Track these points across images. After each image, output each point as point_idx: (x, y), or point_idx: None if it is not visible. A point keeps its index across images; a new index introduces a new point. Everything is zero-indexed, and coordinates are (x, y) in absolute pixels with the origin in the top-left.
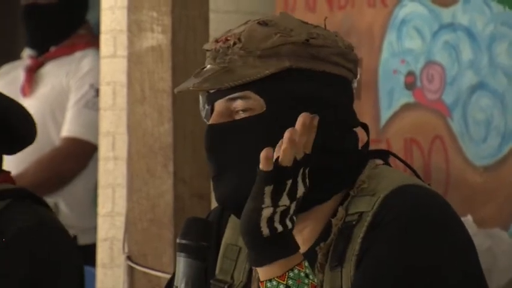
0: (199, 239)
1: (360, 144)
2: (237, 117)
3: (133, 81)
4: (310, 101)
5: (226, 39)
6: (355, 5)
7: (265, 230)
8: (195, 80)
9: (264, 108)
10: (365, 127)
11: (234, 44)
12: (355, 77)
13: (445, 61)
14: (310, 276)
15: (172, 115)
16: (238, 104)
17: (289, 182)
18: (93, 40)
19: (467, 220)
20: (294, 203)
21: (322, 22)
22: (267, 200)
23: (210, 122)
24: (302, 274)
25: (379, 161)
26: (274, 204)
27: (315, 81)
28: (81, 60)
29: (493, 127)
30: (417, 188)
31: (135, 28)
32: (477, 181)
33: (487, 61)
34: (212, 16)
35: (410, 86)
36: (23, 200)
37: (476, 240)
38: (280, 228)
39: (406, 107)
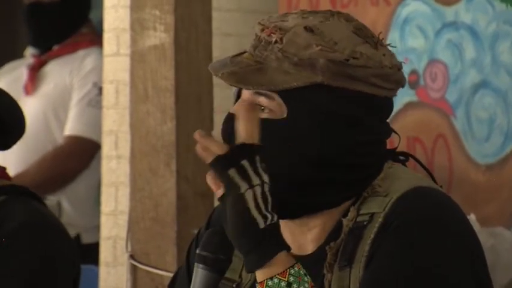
0: (218, 252)
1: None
2: (259, 113)
3: (136, 80)
4: (333, 118)
5: (271, 33)
6: (358, 3)
7: (258, 219)
8: (227, 66)
9: (285, 115)
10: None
11: (276, 42)
12: (394, 94)
13: (448, 60)
14: (308, 277)
15: (175, 113)
16: (262, 100)
17: (245, 162)
18: (96, 39)
19: (470, 219)
20: (266, 186)
21: None
22: (241, 183)
23: (231, 110)
24: (302, 272)
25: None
26: (249, 184)
27: (346, 100)
28: (84, 59)
29: (496, 126)
30: (429, 190)
31: (138, 27)
32: (480, 180)
33: (490, 59)
34: (215, 14)
35: (413, 84)
36: (19, 196)
37: (479, 239)
38: (269, 216)
39: (409, 106)
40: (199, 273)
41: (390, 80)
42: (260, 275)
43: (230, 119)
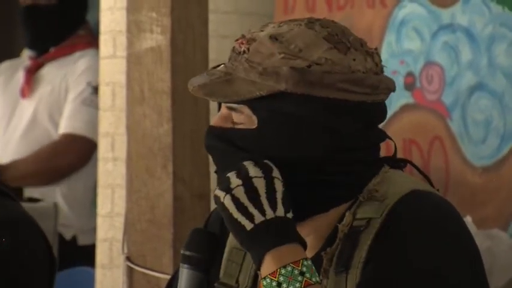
0: (203, 251)
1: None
2: (236, 125)
3: (133, 82)
4: (301, 125)
5: (241, 44)
6: (355, 5)
7: (243, 221)
8: (203, 78)
9: (255, 125)
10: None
11: (244, 52)
12: (380, 99)
13: (444, 62)
14: (307, 275)
15: (172, 116)
16: (233, 115)
17: (228, 172)
18: (93, 41)
19: (466, 221)
20: (257, 180)
21: None
22: (220, 193)
23: (211, 122)
24: (296, 272)
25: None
26: (227, 189)
27: (312, 107)
28: (78, 60)
29: (492, 128)
30: (426, 193)
31: (134, 29)
32: (476, 182)
33: (486, 62)
34: (211, 17)
35: (409, 86)
36: None
37: (476, 241)
38: (256, 214)
39: (405, 108)
40: (184, 273)
41: (363, 84)
42: (261, 271)
43: (210, 132)
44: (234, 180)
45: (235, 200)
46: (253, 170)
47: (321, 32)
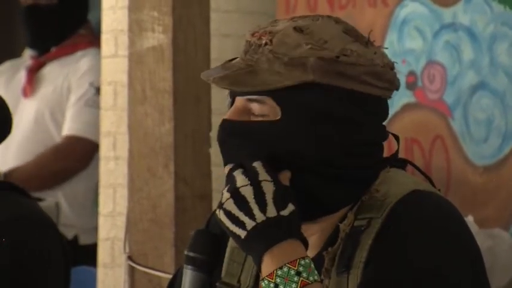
0: (206, 253)
1: (388, 152)
2: (253, 117)
3: (134, 81)
4: (327, 117)
5: (261, 36)
6: (356, 4)
7: (238, 231)
8: (220, 71)
9: (279, 117)
10: (395, 137)
11: (266, 44)
12: (389, 95)
13: (446, 61)
14: (304, 274)
15: (173, 115)
16: (255, 106)
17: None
18: (94, 40)
19: (468, 220)
20: (244, 188)
21: None
22: (217, 209)
23: (225, 116)
24: (292, 272)
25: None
26: (219, 204)
27: (338, 98)
28: (80, 60)
29: (494, 127)
30: (427, 193)
31: (136, 28)
32: (478, 181)
33: (488, 61)
34: (213, 15)
35: (411, 85)
36: (9, 193)
37: (477, 240)
38: (247, 221)
39: (407, 107)
40: (188, 274)
41: (383, 78)
42: (261, 274)
43: (224, 126)
44: (225, 194)
45: (227, 213)
46: (239, 180)
47: (339, 27)
